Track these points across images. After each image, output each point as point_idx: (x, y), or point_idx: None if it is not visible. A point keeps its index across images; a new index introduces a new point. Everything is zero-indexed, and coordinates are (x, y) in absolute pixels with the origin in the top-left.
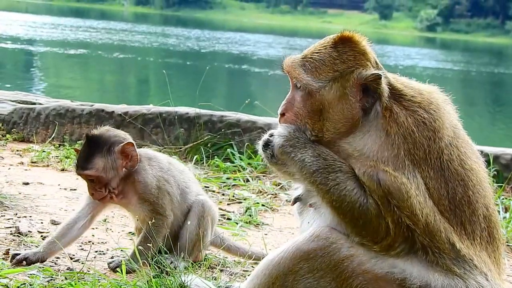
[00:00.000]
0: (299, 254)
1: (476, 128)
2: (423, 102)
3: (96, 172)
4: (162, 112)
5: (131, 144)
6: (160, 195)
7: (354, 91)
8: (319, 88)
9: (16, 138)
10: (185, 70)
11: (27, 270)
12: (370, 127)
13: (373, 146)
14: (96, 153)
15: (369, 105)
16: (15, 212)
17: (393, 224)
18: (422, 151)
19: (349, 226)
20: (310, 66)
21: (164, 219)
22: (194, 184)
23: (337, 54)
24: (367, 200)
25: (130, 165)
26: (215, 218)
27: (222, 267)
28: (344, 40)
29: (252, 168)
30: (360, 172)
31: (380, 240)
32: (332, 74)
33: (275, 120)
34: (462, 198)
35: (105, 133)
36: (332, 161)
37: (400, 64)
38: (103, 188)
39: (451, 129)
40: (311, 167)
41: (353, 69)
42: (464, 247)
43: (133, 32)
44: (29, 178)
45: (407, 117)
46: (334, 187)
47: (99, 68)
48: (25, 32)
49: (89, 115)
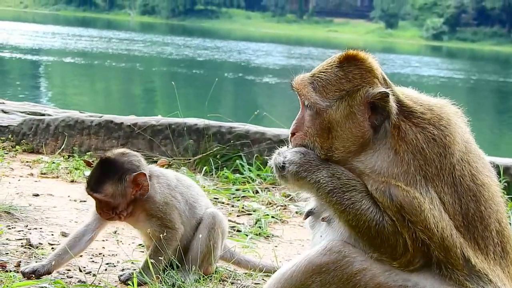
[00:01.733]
0: (312, 268)
1: (485, 138)
2: (433, 119)
3: (104, 197)
4: (171, 123)
5: (143, 175)
6: (168, 210)
7: (361, 109)
8: (326, 107)
9: (26, 149)
10: (192, 80)
11: (39, 283)
12: (380, 146)
13: (383, 164)
14: (107, 179)
15: (379, 123)
16: (26, 224)
17: (410, 240)
18: (433, 167)
19: (367, 244)
20: (318, 85)
21: (174, 232)
22: (202, 198)
23: (343, 73)
24: (383, 218)
25: (140, 193)
26: (225, 230)
27: (233, 280)
28: (349, 59)
29: (261, 179)
30: (373, 189)
31: (399, 257)
32: (338, 93)
33: (284, 131)
34: (475, 214)
35: (119, 158)
36: (346, 180)
37: (406, 73)
38: (110, 211)
39: (462, 144)
40: (326, 188)
41: (360, 88)
42: (479, 262)
43: (139, 41)
44: (39, 190)
45: (416, 134)
46: (349, 206)
47: (106, 77)
48: (32, 42)
49: (98, 126)
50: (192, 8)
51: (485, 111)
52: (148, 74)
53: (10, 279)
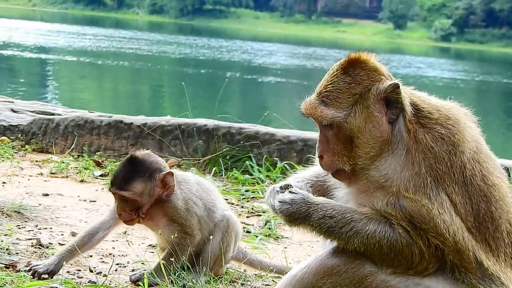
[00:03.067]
0: (322, 270)
1: (494, 140)
2: (441, 118)
3: (133, 195)
4: (181, 124)
5: (171, 174)
6: (188, 217)
7: (377, 107)
8: (345, 117)
9: (35, 149)
10: (201, 80)
11: (49, 283)
12: (395, 145)
13: (396, 167)
14: (137, 176)
15: (395, 117)
16: (36, 223)
17: (425, 247)
18: (443, 165)
19: (379, 261)
20: (329, 100)
21: (191, 239)
22: (220, 200)
23: (351, 78)
24: (394, 233)
25: (166, 194)
26: (239, 233)
27: (243, 281)
28: (352, 63)
29: (270, 180)
30: (383, 203)
31: (415, 266)
32: (352, 98)
33: (293, 133)
34: (485, 214)
35: (148, 158)
36: (340, 216)
37: (415, 74)
38: (133, 211)
39: (473, 143)
40: (321, 230)
41: (370, 87)
42: (491, 265)
43: (147, 40)
44: (48, 189)
45: (424, 134)
46: (351, 237)
47: (114, 77)
48: (40, 40)
49: (108, 126)
50: (200, 7)
51: (494, 113)
52: (157, 73)
53: (20, 279)
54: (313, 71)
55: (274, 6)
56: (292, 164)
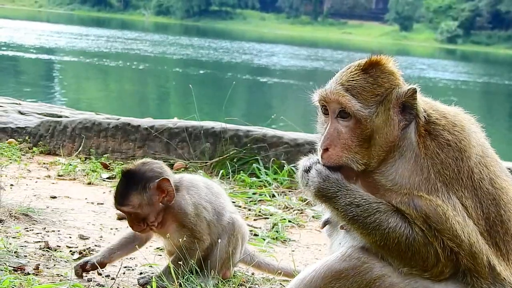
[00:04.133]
0: (331, 274)
1: (499, 142)
2: (447, 125)
3: (132, 209)
4: (188, 126)
5: (166, 180)
6: (198, 222)
7: (396, 111)
8: (369, 115)
9: (43, 151)
10: (207, 81)
11: (58, 286)
12: (402, 150)
13: (404, 172)
14: (132, 190)
15: (408, 123)
16: (44, 226)
17: (440, 249)
18: (451, 171)
19: (396, 260)
20: (355, 93)
21: (200, 244)
22: (228, 203)
23: (373, 79)
24: (412, 231)
25: (167, 200)
26: (245, 236)
27: (251, 284)
28: (373, 64)
29: (278, 183)
30: (397, 202)
31: (430, 268)
32: (375, 98)
33: (301, 135)
34: (495, 218)
35: (140, 168)
36: (367, 205)
37: (421, 76)
38: (141, 223)
39: (478, 148)
40: (346, 217)
41: (391, 90)
42: (503, 270)
43: (154, 42)
44: (56, 192)
45: (432, 140)
46: (374, 228)
47: (121, 78)
48: (47, 41)
49: (115, 128)
50: (206, 9)
51: (501, 115)
52: (163, 75)
53: (29, 282)
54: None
55: (280, 8)
56: None
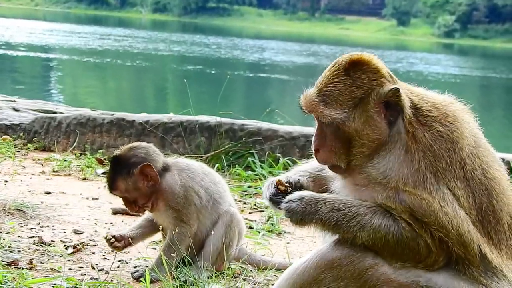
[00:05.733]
0: (323, 263)
1: (495, 134)
2: (439, 116)
3: (120, 193)
4: (183, 121)
5: (148, 166)
6: (186, 205)
7: (377, 111)
8: (345, 119)
9: (37, 147)
10: (204, 77)
11: (52, 280)
12: (392, 145)
13: (394, 165)
14: (118, 176)
15: (394, 119)
16: (38, 221)
17: (430, 239)
18: (443, 163)
19: (388, 256)
20: (330, 100)
21: (188, 228)
22: (227, 194)
23: (352, 81)
24: (399, 227)
25: (152, 184)
26: (242, 231)
27: (245, 276)
28: (354, 64)
29: (273, 176)
30: (383, 197)
31: (423, 259)
32: (352, 101)
33: (296, 129)
34: (488, 208)
35: (126, 154)
36: (347, 210)
37: (418, 70)
38: (132, 204)
39: (471, 138)
40: (330, 223)
41: (371, 91)
42: (495, 258)
43: (151, 39)
44: (51, 188)
45: (424, 133)
46: (359, 231)
47: (117, 75)
48: (43, 40)
49: (110, 124)
50: (203, 5)
51: (497, 108)
52: (159, 71)
53: (22, 276)
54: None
55: (278, 4)
56: (295, 160)
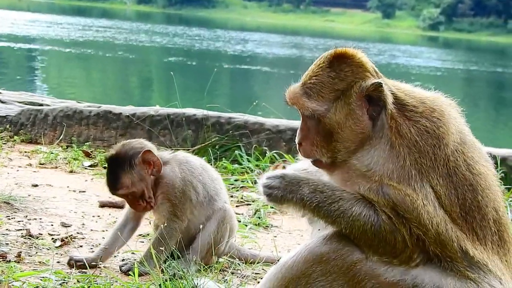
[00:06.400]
0: (312, 257)
1: (482, 129)
2: (426, 111)
3: (126, 190)
4: (170, 114)
5: (148, 152)
6: (182, 199)
7: (359, 105)
8: (326, 112)
9: (24, 140)
10: (189, 70)
11: (40, 273)
12: (377, 140)
13: (378, 160)
14: (120, 172)
15: (377, 113)
16: (25, 214)
17: (408, 235)
18: (428, 159)
19: (365, 247)
20: (312, 92)
21: (179, 223)
22: (223, 191)
23: (335, 74)
24: (378, 218)
25: (156, 170)
26: (234, 227)
27: (234, 270)
28: (338, 57)
29: (260, 169)
30: (366, 188)
31: (399, 253)
32: (334, 94)
33: (282, 122)
34: (472, 204)
35: (121, 149)
36: (330, 192)
37: (403, 63)
38: (140, 201)
39: (457, 134)
40: (311, 205)
41: (353, 84)
42: (478, 253)
43: (136, 30)
44: (38, 180)
45: (410, 127)
46: (339, 216)
47: (102, 67)
48: (27, 31)
49: (97, 116)
50: None
51: (483, 102)
52: (146, 64)
53: (11, 269)
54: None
55: None
56: (281, 153)
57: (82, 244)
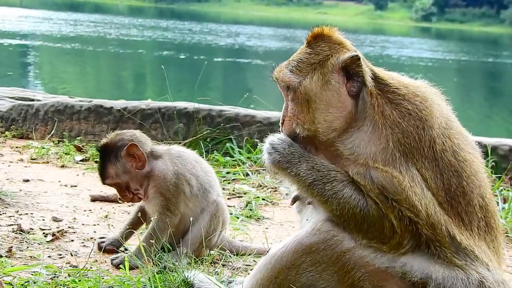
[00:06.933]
0: (301, 248)
1: (473, 118)
2: (408, 94)
3: (112, 180)
4: (161, 107)
5: (133, 146)
6: (175, 193)
7: (335, 77)
8: (300, 81)
9: (15, 135)
10: (181, 63)
11: (31, 268)
12: (361, 121)
13: (361, 142)
14: (106, 162)
15: (356, 89)
16: (16, 209)
17: (397, 221)
18: (412, 140)
19: (354, 231)
20: (291, 66)
21: (172, 217)
22: (217, 184)
23: (311, 50)
24: (366, 204)
25: (140, 165)
26: (226, 220)
27: (225, 262)
28: (316, 37)
29: (251, 162)
30: (353, 173)
31: (388, 240)
32: (310, 67)
33: (274, 114)
34: (457, 189)
35: (112, 140)
36: (326, 171)
37: (396, 55)
38: (126, 192)
39: (442, 119)
40: (306, 180)
41: (330, 57)
42: (465, 239)
43: (128, 25)
44: (29, 175)
45: (392, 110)
46: (331, 196)
47: (95, 62)
48: (20, 26)
49: (88, 111)
50: None
51: (474, 92)
52: (137, 58)
53: (1, 264)
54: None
55: None
56: None
57: (74, 238)
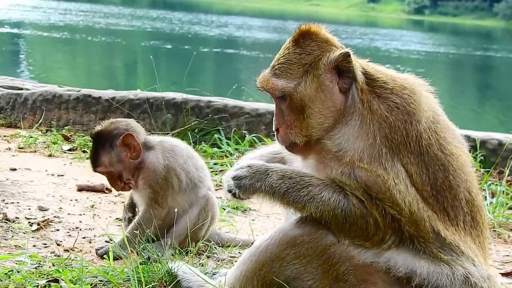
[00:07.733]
0: (286, 240)
1: (464, 112)
2: (396, 88)
3: (104, 169)
4: (149, 98)
5: (129, 135)
6: (164, 186)
7: (328, 77)
8: (295, 87)
9: (3, 124)
10: (171, 54)
11: (15, 257)
12: (349, 116)
13: (349, 137)
14: (100, 150)
15: (347, 86)
16: (3, 198)
17: (380, 217)
18: (399, 135)
19: (336, 231)
20: (280, 72)
21: (159, 209)
22: (208, 179)
23: (301, 49)
24: (348, 203)
25: (135, 155)
26: (215, 215)
27: (209, 253)
28: (303, 35)
29: (239, 153)
30: (338, 172)
31: (371, 236)
32: (302, 68)
33: (262, 106)
34: (443, 183)
35: (107, 128)
36: (299, 178)
37: (388, 47)
38: (118, 181)
39: (430, 112)
40: (280, 190)
41: (321, 57)
42: (450, 234)
43: (119, 15)
44: (16, 164)
45: (380, 104)
46: (308, 201)
47: (85, 52)
48: (10, 15)
49: (76, 100)
50: None
51: (465, 86)
52: (127, 48)
53: None
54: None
55: None
56: (261, 137)
57: (59, 228)
